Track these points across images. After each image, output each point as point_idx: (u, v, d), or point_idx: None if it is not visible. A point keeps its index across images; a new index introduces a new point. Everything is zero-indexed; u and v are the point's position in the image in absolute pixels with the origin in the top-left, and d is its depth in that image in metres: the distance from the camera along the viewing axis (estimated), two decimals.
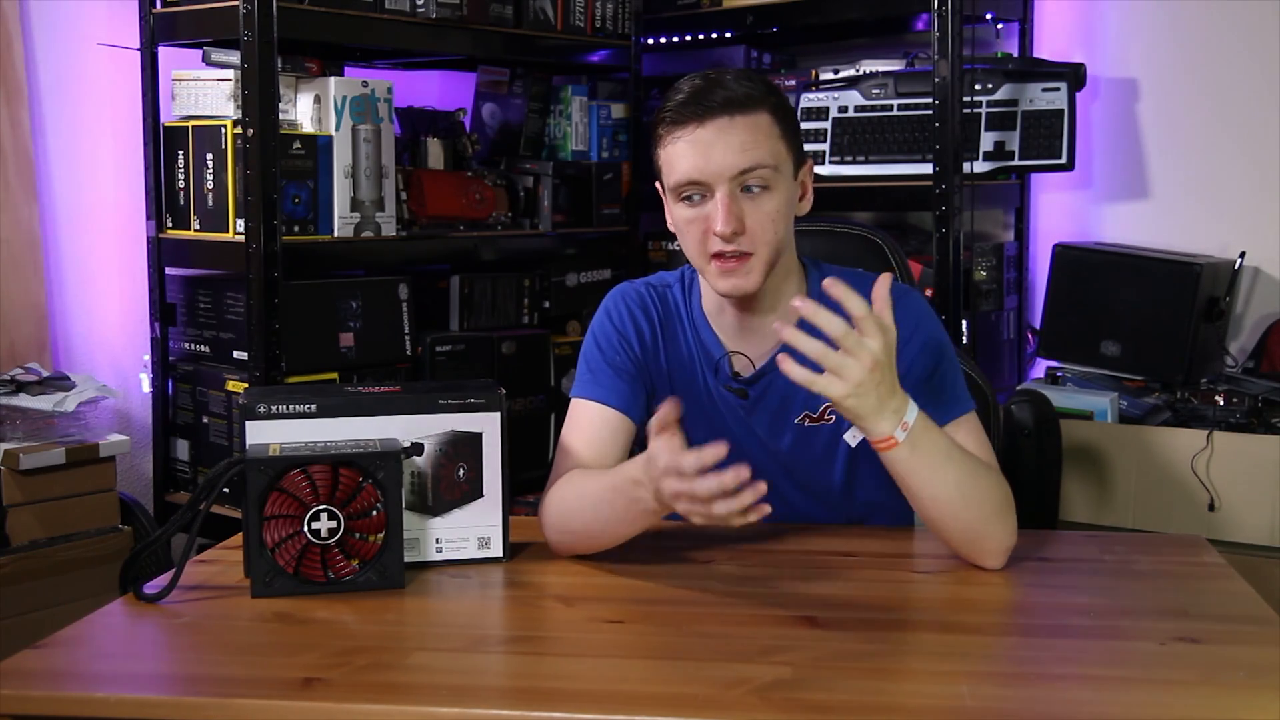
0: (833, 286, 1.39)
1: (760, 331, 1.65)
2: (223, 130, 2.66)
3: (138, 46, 2.82)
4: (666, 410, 1.37)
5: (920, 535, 1.78)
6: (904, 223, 3.31)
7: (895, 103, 2.98)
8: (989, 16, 2.99)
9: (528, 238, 3.18)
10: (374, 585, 1.44)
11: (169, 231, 2.82)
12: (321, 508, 1.42)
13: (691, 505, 1.33)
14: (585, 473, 1.57)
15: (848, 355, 1.37)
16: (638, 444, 1.65)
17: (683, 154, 1.55)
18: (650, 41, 3.43)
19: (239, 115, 2.60)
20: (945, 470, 1.45)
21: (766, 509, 1.31)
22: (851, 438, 1.61)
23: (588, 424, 1.64)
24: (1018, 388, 2.91)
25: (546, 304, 3.26)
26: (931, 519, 1.50)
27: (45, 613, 2.47)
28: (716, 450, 1.31)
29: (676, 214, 1.60)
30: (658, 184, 1.65)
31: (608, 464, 1.61)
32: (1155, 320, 2.79)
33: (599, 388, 1.65)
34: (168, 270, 2.87)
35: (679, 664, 1.23)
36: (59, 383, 2.71)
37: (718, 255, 1.56)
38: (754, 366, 1.66)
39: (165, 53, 2.83)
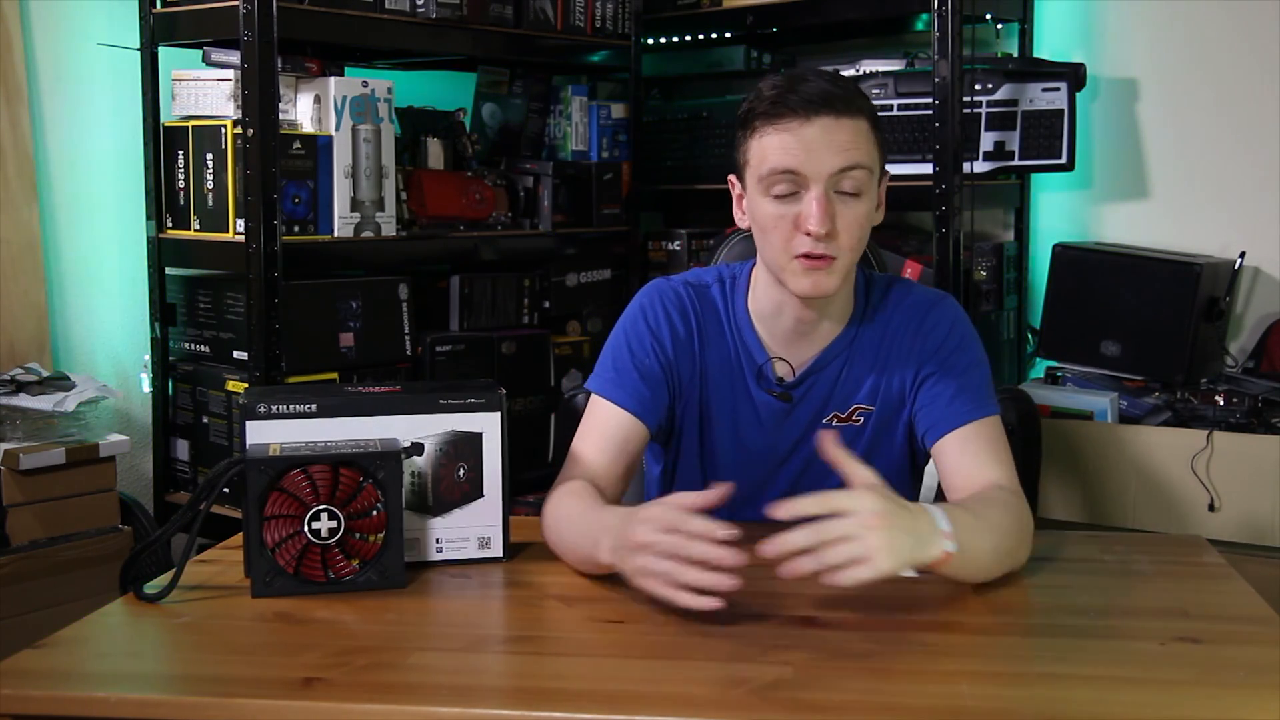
0: (825, 446, 1.40)
1: (809, 335, 1.65)
2: (223, 130, 2.66)
3: (138, 46, 2.82)
4: (712, 494, 1.34)
5: None
6: (904, 223, 3.31)
7: (895, 103, 2.98)
8: (989, 16, 2.99)
9: (528, 238, 3.18)
10: (374, 585, 1.44)
11: (169, 231, 2.82)
12: (322, 508, 1.42)
13: (652, 562, 1.29)
14: (578, 495, 1.54)
15: (851, 528, 1.28)
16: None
17: (783, 145, 1.52)
18: (650, 41, 3.43)
19: (239, 115, 2.60)
20: (985, 542, 1.43)
21: (719, 603, 1.27)
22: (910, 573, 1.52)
23: (604, 425, 1.63)
24: (1000, 387, 2.91)
25: (546, 304, 3.26)
26: (973, 579, 1.46)
27: (45, 613, 2.47)
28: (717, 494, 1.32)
29: (761, 209, 1.56)
30: (731, 177, 1.63)
31: (617, 469, 1.61)
32: (1155, 320, 2.78)
33: (621, 390, 1.64)
34: (168, 270, 2.87)
35: (679, 664, 1.23)
36: (59, 383, 2.71)
37: (805, 255, 1.54)
38: (794, 371, 1.66)
39: (165, 53, 2.83)
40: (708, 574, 1.27)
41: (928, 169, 2.80)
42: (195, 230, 2.75)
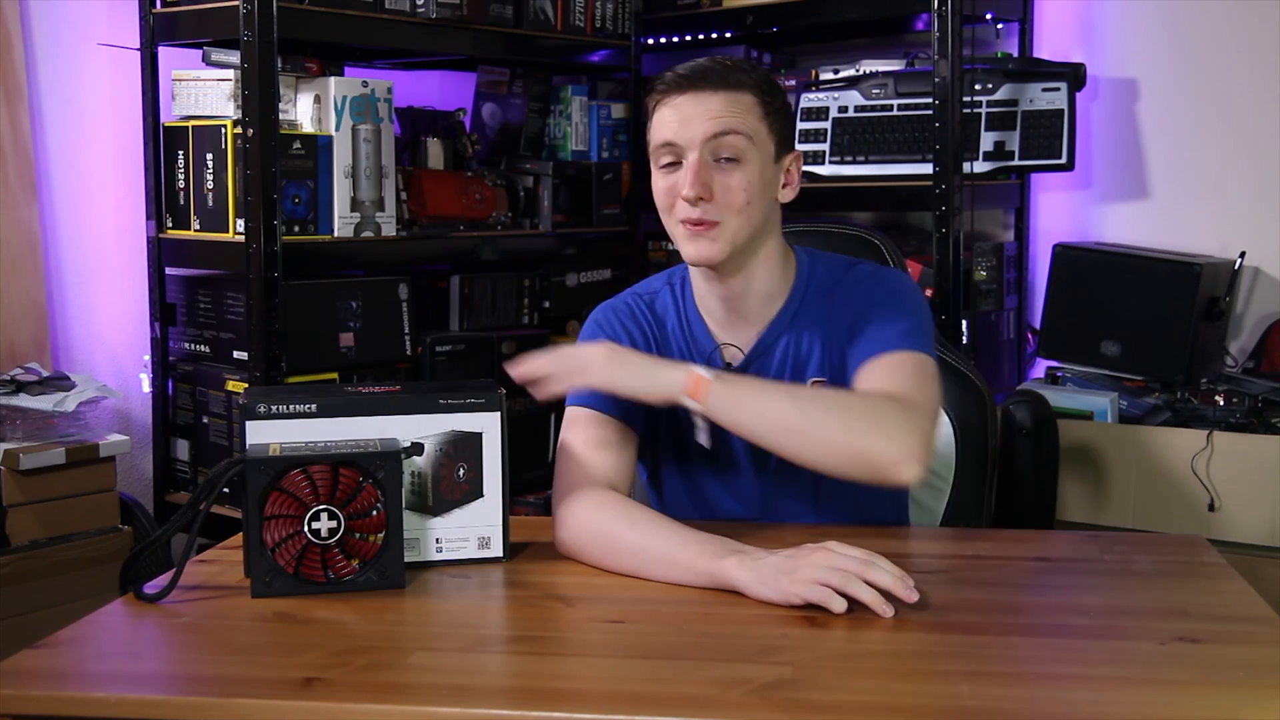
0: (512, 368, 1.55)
1: (747, 317, 1.66)
2: (223, 130, 2.66)
3: (138, 46, 2.82)
4: None
5: (920, 535, 1.78)
6: (904, 223, 3.31)
7: (895, 103, 2.98)
8: (989, 16, 2.99)
9: (528, 238, 3.18)
10: (374, 585, 1.44)
11: (169, 231, 2.82)
12: (321, 508, 1.42)
13: (841, 568, 1.34)
14: (635, 505, 1.54)
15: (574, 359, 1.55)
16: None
17: (662, 120, 1.60)
18: (650, 41, 3.43)
19: (239, 115, 2.60)
20: (774, 398, 1.49)
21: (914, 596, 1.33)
22: (702, 437, 1.62)
23: (591, 430, 1.63)
24: (1016, 389, 2.91)
25: (546, 304, 3.26)
26: (792, 451, 1.50)
27: (45, 613, 2.47)
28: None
29: (654, 184, 1.63)
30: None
31: (619, 473, 1.61)
32: (1155, 320, 2.78)
33: (595, 395, 1.63)
34: (168, 270, 2.87)
35: (679, 664, 1.23)
36: (59, 383, 2.71)
37: (686, 221, 1.58)
38: (742, 354, 1.67)
39: (165, 53, 2.83)
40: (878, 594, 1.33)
41: (928, 169, 2.80)
42: (195, 230, 2.75)
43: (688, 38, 3.42)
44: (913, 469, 1.46)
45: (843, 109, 3.04)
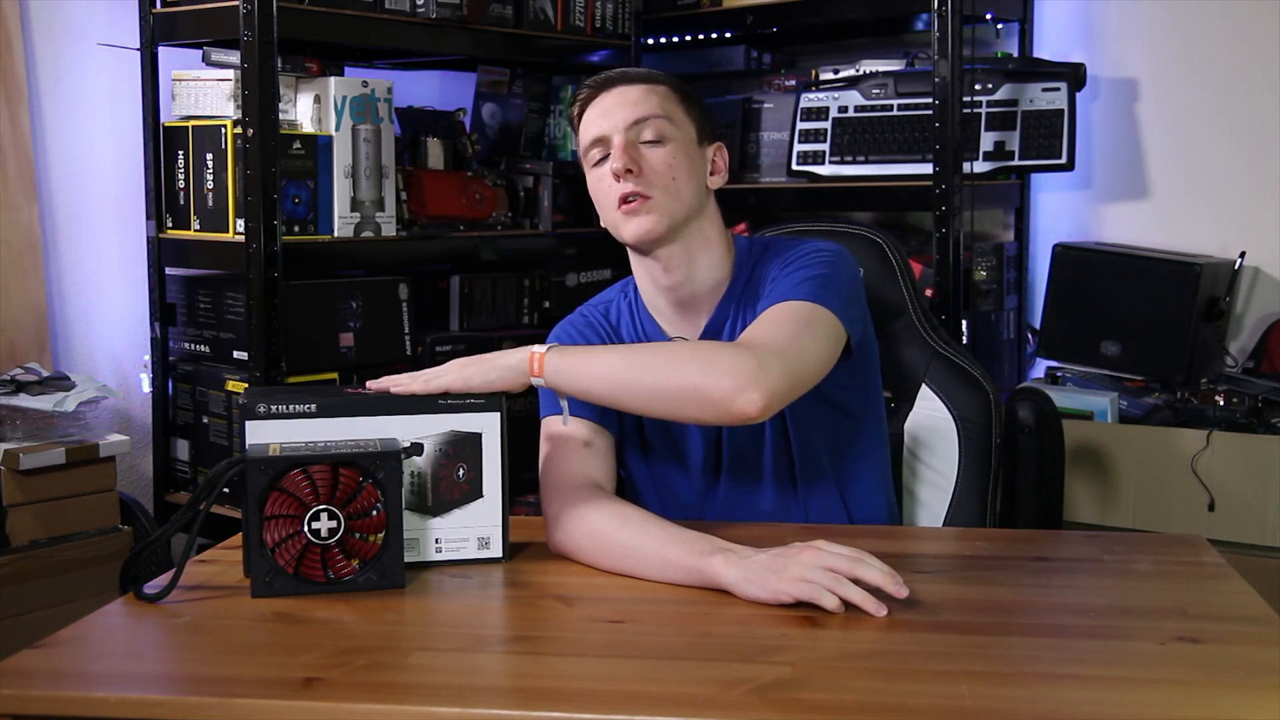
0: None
1: (695, 308, 1.69)
2: (223, 130, 2.66)
3: (138, 46, 2.82)
4: None
5: (920, 535, 1.78)
6: (904, 223, 3.31)
7: (895, 103, 2.98)
8: (989, 16, 2.99)
9: (528, 238, 3.18)
10: (374, 585, 1.44)
11: (169, 231, 2.82)
12: (321, 508, 1.42)
13: (830, 567, 1.34)
14: (627, 505, 1.55)
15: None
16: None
17: (588, 121, 1.68)
18: (650, 41, 3.43)
19: (239, 115, 2.60)
20: (604, 356, 1.53)
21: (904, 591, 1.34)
22: (564, 417, 1.64)
23: (571, 433, 1.65)
24: (1018, 387, 2.91)
25: (546, 304, 3.26)
26: (631, 402, 1.52)
27: (45, 613, 2.47)
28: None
29: (589, 182, 1.69)
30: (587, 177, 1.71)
31: (605, 472, 1.63)
32: (1155, 320, 2.79)
33: (571, 403, 1.63)
34: (168, 270, 2.87)
35: (679, 664, 1.23)
36: (59, 383, 2.71)
37: (620, 201, 1.62)
38: None
39: (165, 53, 2.83)
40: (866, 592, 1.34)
41: (928, 169, 2.80)
42: (195, 230, 2.75)
43: (687, 38, 3.42)
44: (752, 399, 1.43)
45: (843, 109, 3.04)
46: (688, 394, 1.46)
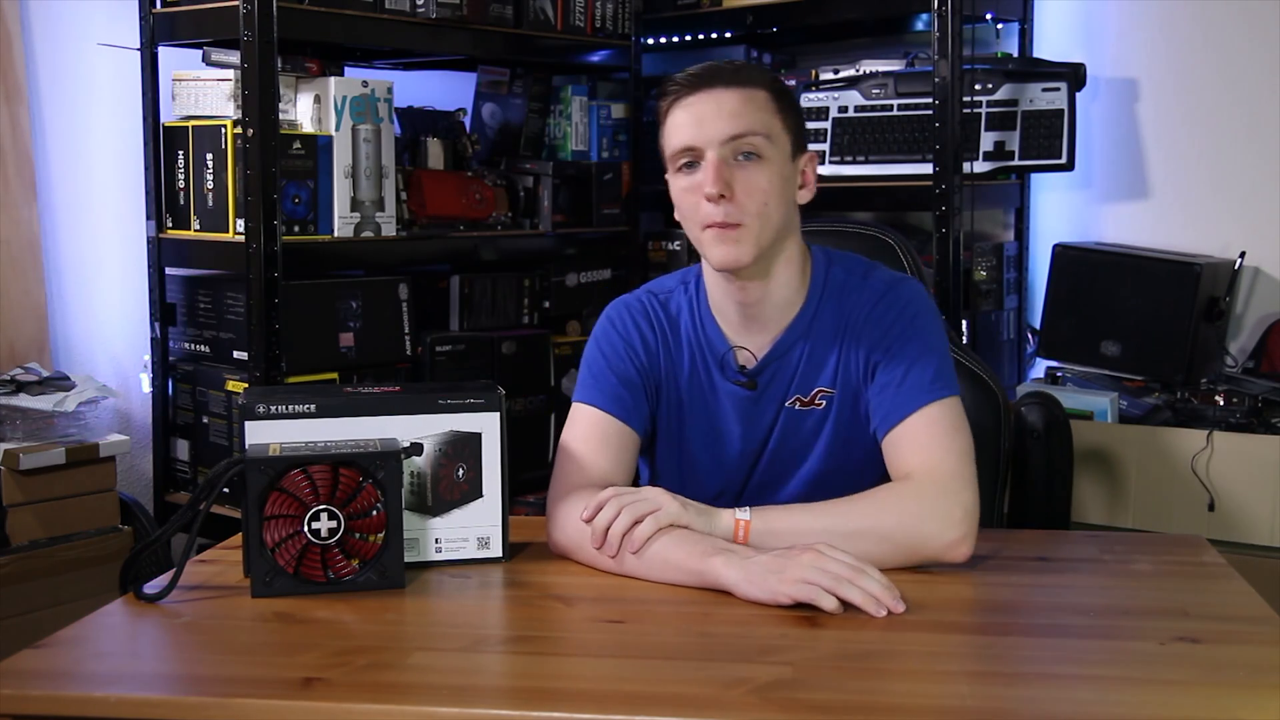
0: None
1: (762, 319, 1.65)
2: (223, 130, 2.66)
3: (138, 46, 2.82)
4: None
5: None
6: (904, 223, 3.31)
7: (895, 103, 2.98)
8: (989, 16, 2.99)
9: (528, 238, 3.18)
10: (374, 585, 1.44)
11: (169, 231, 2.82)
12: (321, 508, 1.42)
13: (830, 571, 1.35)
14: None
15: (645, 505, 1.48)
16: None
17: (678, 123, 1.58)
18: (650, 41, 3.43)
19: (239, 115, 2.60)
20: (811, 520, 1.48)
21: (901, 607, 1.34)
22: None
23: (593, 430, 1.64)
24: (1024, 388, 2.91)
25: (546, 304, 3.26)
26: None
27: (45, 613, 2.47)
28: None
29: (673, 188, 1.62)
30: (667, 176, 1.65)
31: (617, 474, 1.62)
32: (1155, 320, 2.78)
33: (602, 395, 1.65)
34: (168, 270, 2.87)
35: (679, 664, 1.23)
36: (59, 383, 2.71)
37: (712, 225, 1.57)
38: (756, 358, 1.66)
39: (165, 53, 2.83)
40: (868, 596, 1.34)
41: (928, 169, 2.80)
42: (195, 230, 2.75)
43: (688, 38, 3.42)
44: (966, 551, 1.48)
45: (843, 109, 3.04)
46: (903, 550, 1.48)
